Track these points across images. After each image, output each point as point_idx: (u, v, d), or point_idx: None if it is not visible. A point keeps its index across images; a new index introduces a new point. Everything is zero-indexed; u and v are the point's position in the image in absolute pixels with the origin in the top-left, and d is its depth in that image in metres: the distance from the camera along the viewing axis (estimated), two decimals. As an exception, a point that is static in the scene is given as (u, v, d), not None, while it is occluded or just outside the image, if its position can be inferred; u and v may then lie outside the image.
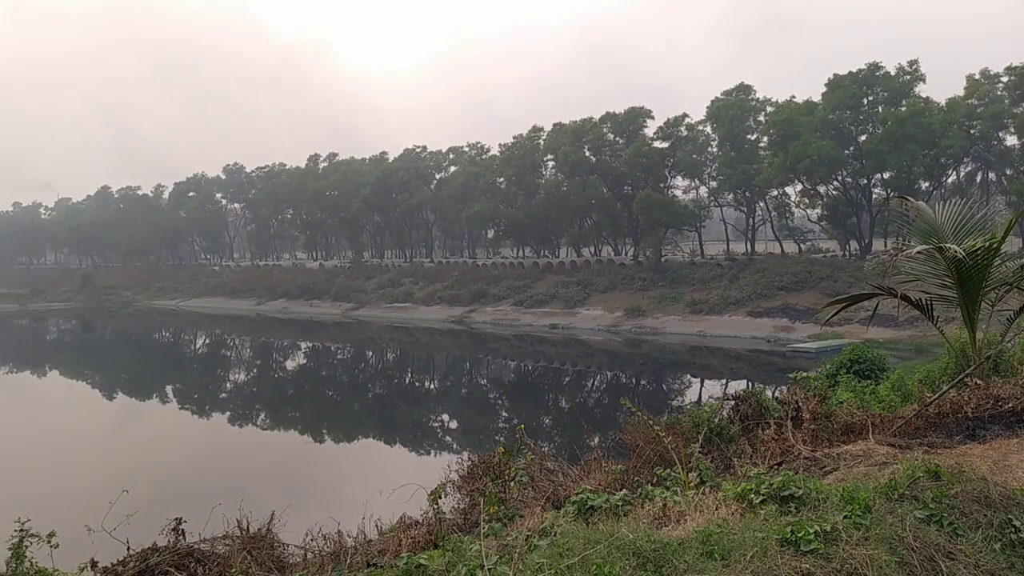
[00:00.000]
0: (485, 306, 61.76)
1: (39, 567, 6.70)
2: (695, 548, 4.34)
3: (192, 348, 58.66)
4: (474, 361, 45.97)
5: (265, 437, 27.00)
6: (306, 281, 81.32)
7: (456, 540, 4.91)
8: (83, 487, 18.57)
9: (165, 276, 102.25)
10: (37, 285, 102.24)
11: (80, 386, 41.41)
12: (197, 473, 20.81)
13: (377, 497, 8.97)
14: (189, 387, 38.73)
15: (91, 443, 25.54)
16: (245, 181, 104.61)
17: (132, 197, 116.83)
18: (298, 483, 19.50)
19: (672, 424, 8.59)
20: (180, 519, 6.31)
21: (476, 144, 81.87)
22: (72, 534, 7.22)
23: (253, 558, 5.99)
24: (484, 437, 25.35)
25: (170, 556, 5.61)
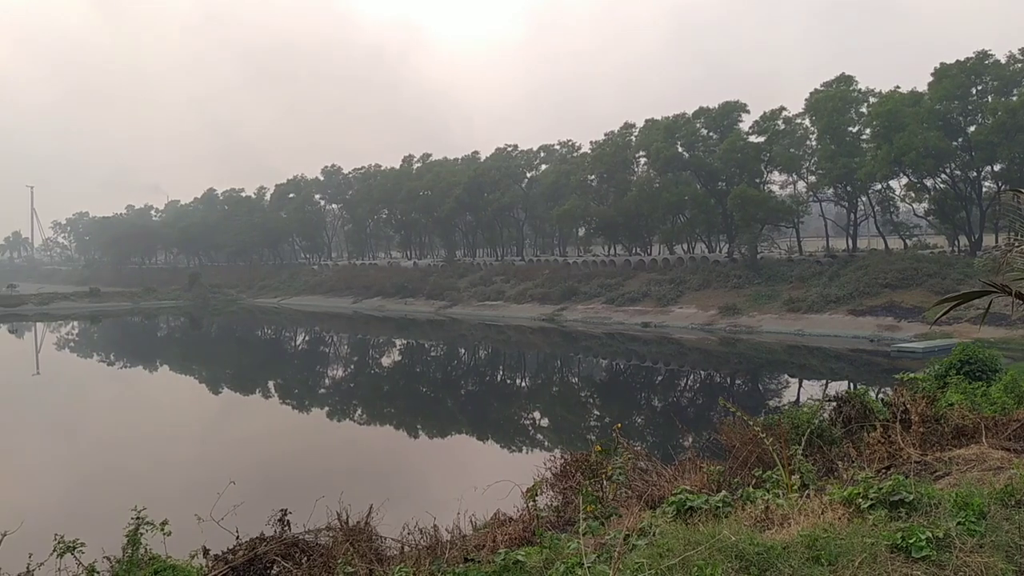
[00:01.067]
0: (576, 304, 61.60)
1: (153, 554, 7.03)
2: (800, 552, 4.21)
3: (292, 345, 60.49)
4: (565, 359, 45.91)
5: (361, 432, 27.61)
6: (401, 279, 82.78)
7: (553, 537, 4.90)
8: (192, 478, 19.39)
9: (267, 275, 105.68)
10: (148, 284, 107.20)
11: (188, 381, 43.25)
12: (297, 466, 21.45)
13: (471, 493, 9.05)
14: (290, 382, 39.95)
15: (198, 435, 26.65)
16: (342, 182, 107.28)
17: (236, 199, 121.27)
18: (393, 477, 19.86)
19: (770, 425, 8.38)
20: (285, 510, 6.50)
21: (567, 142, 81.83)
22: (182, 523, 7.54)
23: (355, 550, 6.13)
24: (575, 436, 25.27)
25: (277, 546, 5.78)
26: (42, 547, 7.01)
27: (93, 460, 22.29)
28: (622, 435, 8.96)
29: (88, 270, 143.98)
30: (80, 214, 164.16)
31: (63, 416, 30.48)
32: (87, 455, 22.97)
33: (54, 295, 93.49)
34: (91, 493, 18.39)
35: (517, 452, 23.10)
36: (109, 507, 15.22)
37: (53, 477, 20.58)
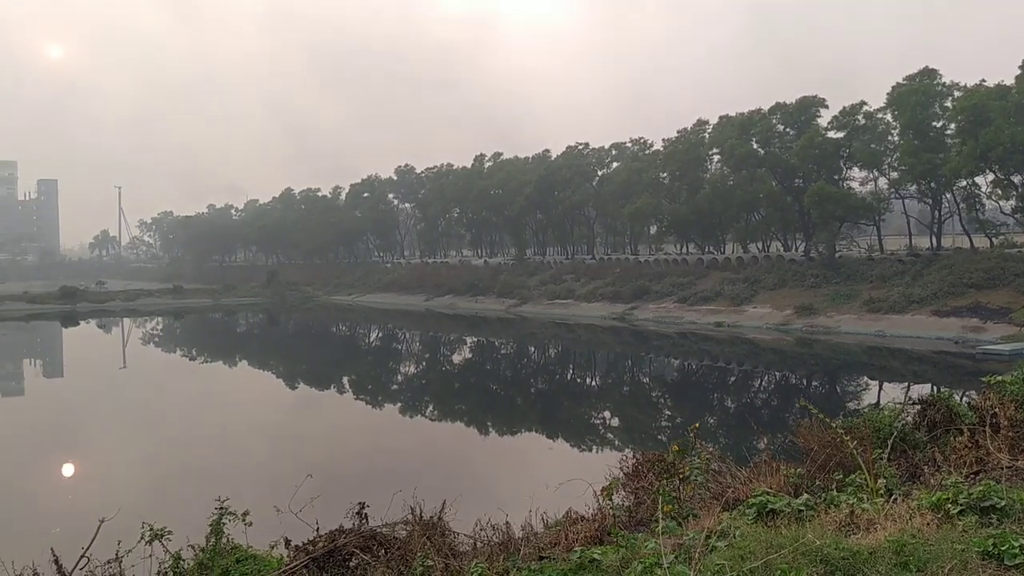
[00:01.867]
0: (647, 303, 61.04)
1: (234, 543, 7.23)
2: (888, 558, 4.08)
3: (366, 341, 61.51)
4: (636, 358, 45.55)
5: (432, 428, 27.89)
6: (471, 278, 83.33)
7: (629, 537, 4.86)
8: (270, 470, 19.89)
9: (342, 273, 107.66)
10: (228, 281, 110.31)
11: (265, 376, 44.37)
12: (370, 460, 21.79)
13: (542, 491, 9.06)
14: (363, 378, 40.62)
15: (275, 429, 27.29)
16: (415, 181, 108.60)
17: (312, 198, 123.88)
18: (464, 474, 20.00)
19: (851, 428, 8.16)
20: (363, 504, 6.60)
21: (639, 139, 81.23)
22: (261, 514, 7.73)
23: (432, 544, 6.18)
24: (646, 435, 25.05)
25: (356, 538, 5.88)
26: (129, 534, 7.27)
27: (176, 452, 23.05)
28: (690, 435, 8.84)
29: (172, 267, 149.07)
30: (164, 213, 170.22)
31: (147, 409, 31.60)
32: (170, 447, 23.76)
33: (140, 292, 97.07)
34: (173, 483, 19.02)
35: (587, 451, 23.02)
36: (190, 497, 15.73)
37: (139, 468, 21.36)
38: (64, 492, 19.90)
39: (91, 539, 6.97)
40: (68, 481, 20.95)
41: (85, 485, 20.53)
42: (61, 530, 13.76)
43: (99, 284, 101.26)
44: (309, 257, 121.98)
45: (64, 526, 14.89)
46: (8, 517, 16.58)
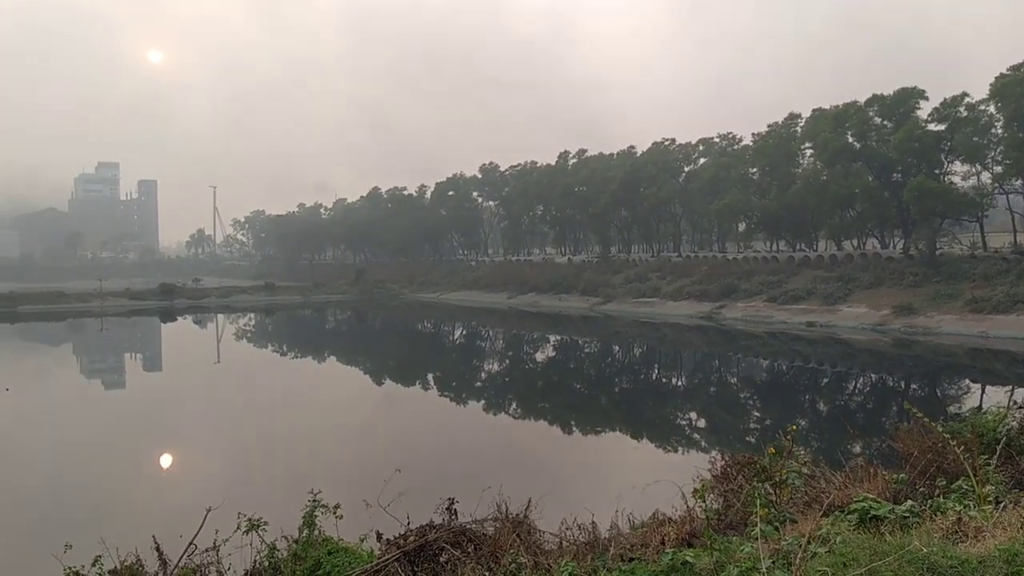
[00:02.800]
0: (736, 302, 59.83)
1: (325, 536, 7.38)
2: (998, 568, 3.86)
3: (451, 339, 62.15)
4: (723, 359, 44.68)
5: (516, 426, 27.95)
6: (555, 275, 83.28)
7: (723, 540, 4.74)
8: (357, 464, 20.28)
9: (427, 271, 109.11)
10: (318, 279, 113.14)
11: (353, 372, 45.30)
12: (454, 456, 21.98)
13: (628, 492, 8.95)
14: (448, 375, 41.04)
15: (362, 423, 27.83)
16: (499, 180, 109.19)
17: (399, 197, 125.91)
18: (548, 472, 19.97)
19: (954, 433, 7.79)
20: (452, 499, 6.63)
21: (727, 134, 79.73)
22: (350, 508, 7.86)
23: (522, 541, 6.18)
24: (734, 437, 24.53)
25: (446, 534, 5.91)
26: (223, 524, 7.49)
27: (267, 445, 23.71)
28: (786, 438, 8.59)
29: (263, 265, 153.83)
30: (256, 212, 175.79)
31: (239, 404, 32.63)
32: (262, 440, 24.46)
33: (233, 288, 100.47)
34: (266, 475, 19.57)
35: (672, 452, 22.69)
36: (282, 489, 16.17)
37: (233, 460, 22.09)
38: (163, 482, 20.74)
39: (198, 528, 7.19)
40: (166, 472, 21.82)
41: (182, 476, 21.35)
42: (160, 518, 14.33)
43: (195, 281, 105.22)
44: (395, 255, 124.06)
45: (162, 515, 15.51)
46: (111, 505, 17.36)
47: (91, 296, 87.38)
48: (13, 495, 18.07)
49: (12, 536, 14.99)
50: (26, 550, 13.18)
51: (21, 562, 11.69)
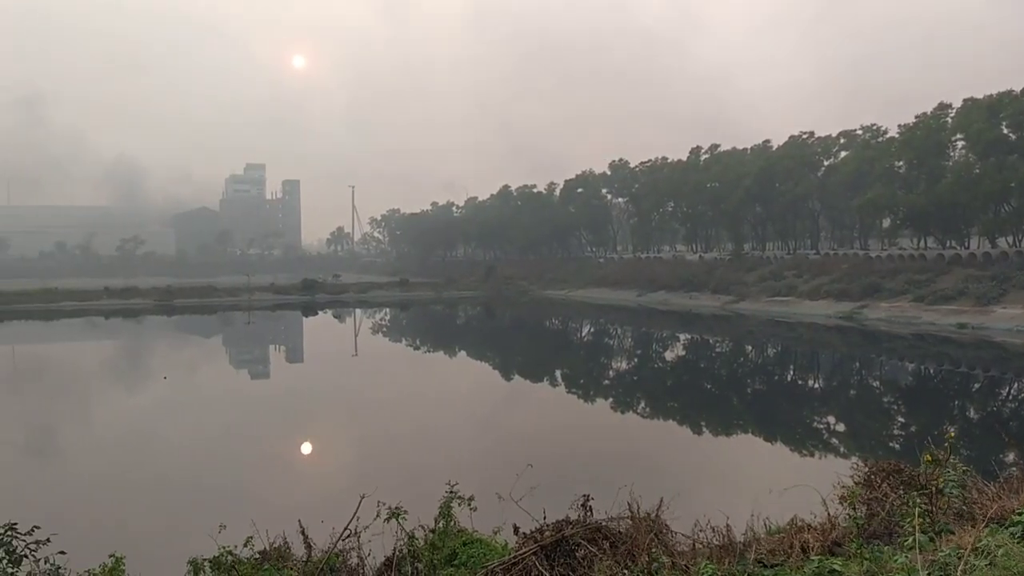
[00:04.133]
0: (878, 302, 57.05)
1: (460, 527, 7.57)
2: None
3: (578, 336, 62.19)
4: (864, 360, 42.72)
5: (644, 424, 27.70)
6: (685, 273, 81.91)
7: (874, 549, 4.57)
8: (489, 457, 20.63)
9: (555, 268, 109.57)
10: (449, 275, 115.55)
11: (482, 366, 46.03)
12: (582, 452, 21.98)
13: (764, 495, 8.72)
14: (575, 372, 41.09)
15: (492, 418, 28.27)
16: (628, 176, 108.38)
17: (528, 195, 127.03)
18: (678, 472, 19.71)
19: None
20: (588, 496, 6.66)
21: (870, 126, 76.10)
22: (483, 500, 8.02)
23: (659, 541, 6.15)
24: (876, 443, 23.45)
25: (582, 530, 5.95)
26: (363, 511, 7.79)
27: (402, 436, 24.45)
28: (933, 445, 8.16)
29: (398, 262, 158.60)
30: (392, 211, 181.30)
31: (376, 395, 33.81)
32: (397, 431, 25.24)
33: (370, 284, 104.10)
34: (401, 465, 20.18)
35: (808, 456, 21.91)
36: (413, 478, 16.66)
37: (369, 449, 22.91)
38: (304, 469, 21.78)
39: (351, 514, 7.47)
40: (308, 459, 22.89)
41: (322, 463, 22.34)
42: (302, 503, 15.06)
43: (335, 277, 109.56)
44: (525, 252, 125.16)
45: (305, 499, 16.30)
46: (258, 489, 18.36)
47: (239, 290, 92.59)
48: (171, 477, 19.42)
49: (171, 515, 16.10)
50: (184, 530, 14.13)
51: (180, 539, 12.55)
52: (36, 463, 22.11)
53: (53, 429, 26.64)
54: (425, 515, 7.92)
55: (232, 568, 8.33)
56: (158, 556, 9.48)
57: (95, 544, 8.19)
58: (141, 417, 28.30)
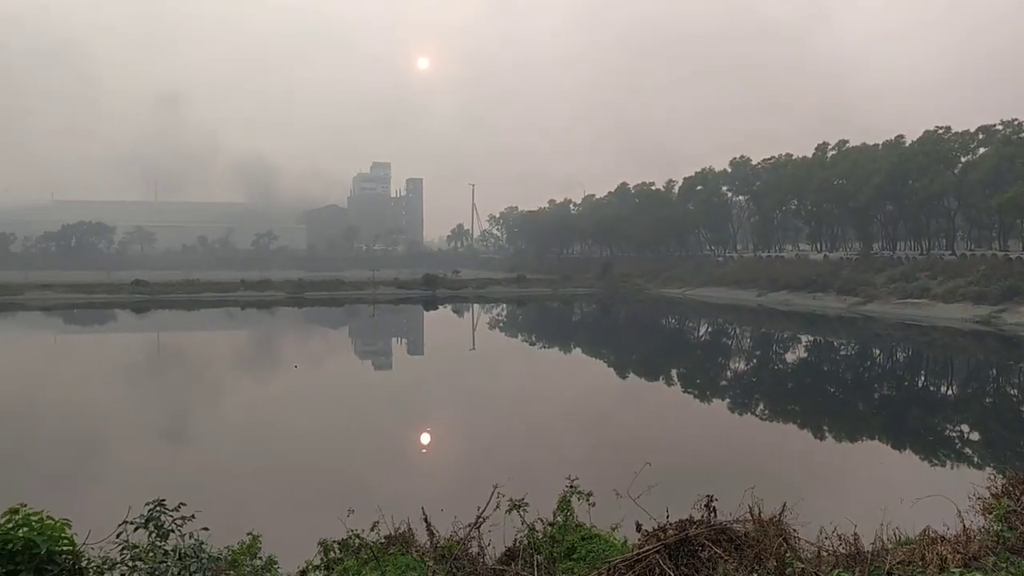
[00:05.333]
0: (1019, 306, 53.66)
1: (578, 521, 7.81)
2: None
3: (695, 335, 61.30)
4: (1002, 368, 40.38)
5: (763, 426, 27.16)
6: (809, 273, 79.30)
7: (1020, 564, 4.49)
8: (605, 453, 20.79)
9: (672, 266, 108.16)
10: (565, 272, 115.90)
11: (597, 363, 46.05)
12: (698, 452, 21.81)
13: (892, 504, 8.56)
14: (691, 371, 40.60)
15: (607, 414, 28.32)
16: (750, 173, 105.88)
17: (646, 192, 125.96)
18: (799, 476, 19.31)
19: None
20: (711, 496, 6.69)
21: (1011, 121, 71.69)
22: (600, 495, 8.21)
23: (789, 546, 6.18)
24: (1013, 454, 22.27)
25: (706, 531, 6.01)
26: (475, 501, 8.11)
27: (516, 429, 24.87)
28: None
29: (515, 258, 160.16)
30: (510, 208, 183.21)
31: (492, 389, 34.41)
32: (511, 424, 25.71)
33: (488, 280, 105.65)
34: (514, 457, 20.58)
35: (939, 466, 21.03)
36: (528, 470, 17.01)
37: (486, 441, 23.43)
38: (424, 458, 22.53)
39: (475, 505, 7.76)
40: (428, 448, 23.65)
41: (441, 453, 23.05)
42: (421, 491, 15.65)
43: (455, 273, 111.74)
44: (641, 250, 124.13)
45: (425, 487, 16.92)
46: (381, 477, 19.17)
47: (365, 285, 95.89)
48: (301, 462, 20.52)
49: (301, 498, 17.06)
50: (314, 512, 14.97)
51: (310, 521, 13.31)
52: (177, 445, 23.74)
53: (192, 413, 28.53)
54: (541, 508, 8.19)
55: (359, 550, 8.87)
56: (290, 536, 10.13)
57: (232, 523, 8.87)
58: (273, 404, 29.90)
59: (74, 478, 18.86)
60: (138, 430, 25.19)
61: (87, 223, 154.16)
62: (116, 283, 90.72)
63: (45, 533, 5.30)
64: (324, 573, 8.76)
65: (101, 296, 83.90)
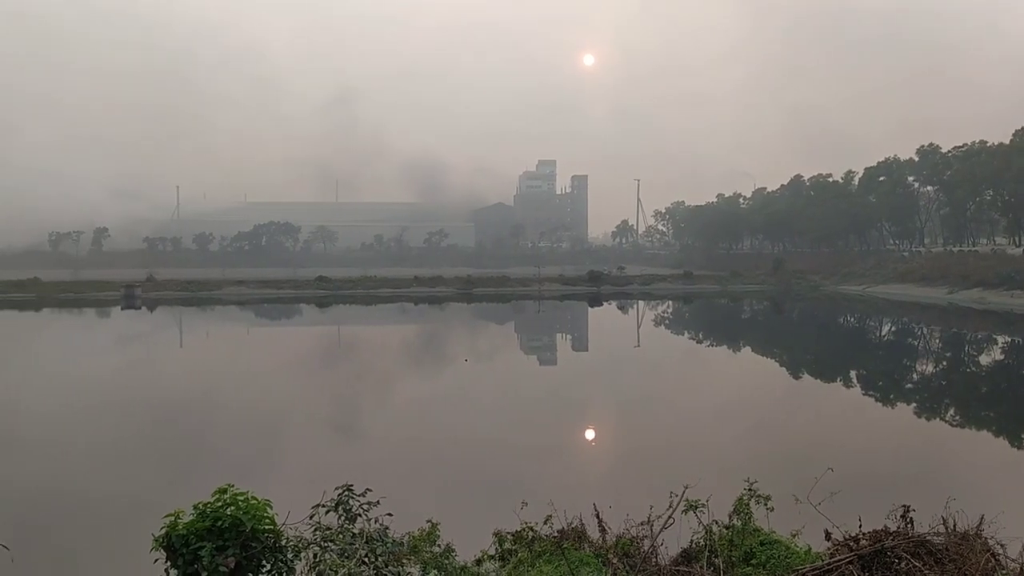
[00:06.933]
0: None
1: (755, 526, 7.61)
2: None
3: (876, 335, 57.94)
4: None
5: (952, 433, 25.35)
6: (1007, 268, 72.93)
7: None
8: (781, 456, 20.08)
9: (851, 262, 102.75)
10: (735, 268, 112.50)
11: (768, 362, 44.43)
12: (881, 458, 20.65)
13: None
14: (872, 373, 38.42)
15: (784, 416, 27.31)
16: (939, 162, 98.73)
17: (822, 184, 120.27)
18: (993, 488, 17.88)
19: None
20: (907, 507, 6.34)
21: None
22: (777, 500, 7.95)
23: (998, 563, 5.80)
24: None
25: (903, 542, 5.70)
26: (656, 500, 8.06)
27: (683, 427, 24.47)
28: None
29: (682, 254, 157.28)
30: (676, 203, 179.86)
31: (658, 386, 34.03)
32: (679, 422, 25.30)
33: (653, 276, 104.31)
34: (680, 456, 20.25)
35: None
36: (692, 470, 16.69)
37: (654, 438, 23.18)
38: (589, 453, 22.63)
39: (668, 507, 7.68)
40: (595, 445, 23.72)
41: (610, 450, 23.03)
42: (591, 486, 15.72)
43: (619, 269, 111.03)
44: (816, 245, 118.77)
45: (591, 483, 16.99)
46: (551, 472, 19.42)
47: (531, 281, 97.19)
48: (473, 453, 21.16)
49: (475, 489, 17.58)
50: (487, 503, 15.40)
51: (485, 511, 13.67)
52: (355, 433, 25.06)
53: (370, 403, 30.04)
54: (713, 510, 8.01)
55: (532, 543, 9.07)
56: (465, 525, 10.48)
57: (410, 510, 9.27)
58: (445, 396, 30.98)
59: (265, 460, 20.32)
60: (320, 418, 26.87)
61: (276, 223, 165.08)
62: (301, 279, 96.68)
63: (250, 512, 5.69)
64: (499, 563, 9.03)
65: (288, 291, 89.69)
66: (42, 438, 23.23)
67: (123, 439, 23.24)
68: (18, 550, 5.56)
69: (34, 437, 23.39)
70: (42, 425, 25.10)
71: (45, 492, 17.61)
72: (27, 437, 23.41)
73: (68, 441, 22.92)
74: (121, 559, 12.72)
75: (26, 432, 24.18)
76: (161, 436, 23.73)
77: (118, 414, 27.14)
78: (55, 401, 29.58)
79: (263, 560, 5.70)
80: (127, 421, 25.89)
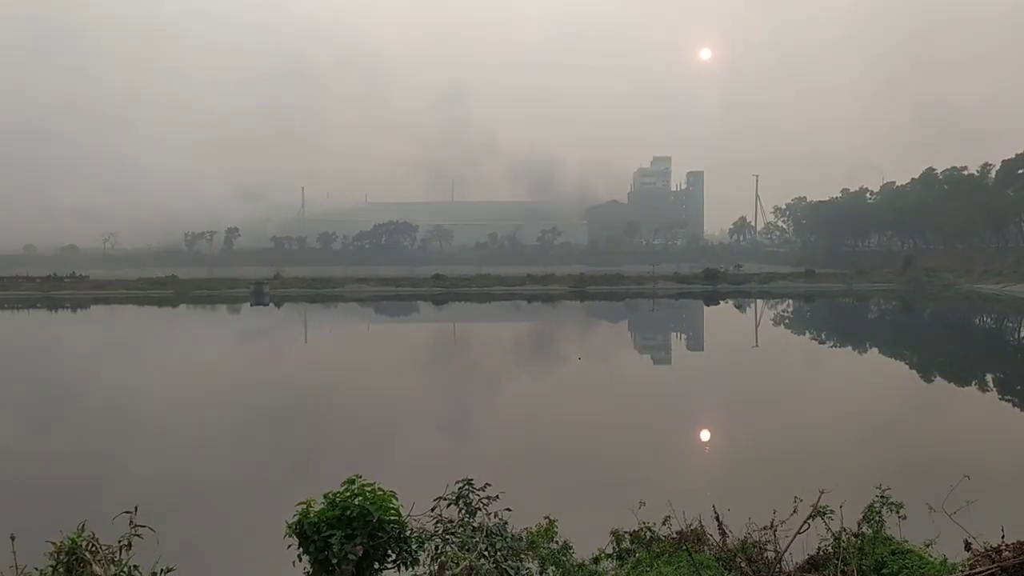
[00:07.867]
0: None
1: (887, 534, 7.33)
2: None
3: (1016, 336, 54.49)
4: None
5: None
6: None
7: None
8: (910, 462, 19.24)
9: (988, 259, 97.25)
10: (860, 266, 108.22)
11: (897, 365, 42.46)
12: (1018, 468, 19.50)
13: None
14: (1011, 376, 36.20)
15: (911, 420, 26.10)
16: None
17: (956, 178, 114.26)
18: None
19: None
20: None
21: None
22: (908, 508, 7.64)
23: None
24: None
25: None
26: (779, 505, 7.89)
27: (801, 430, 23.70)
28: None
29: (803, 252, 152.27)
30: (797, 199, 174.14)
31: (777, 388, 33.05)
32: (798, 424, 24.53)
33: (773, 275, 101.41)
34: (800, 460, 19.65)
35: None
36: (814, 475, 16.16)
37: (771, 442, 22.56)
38: (709, 455, 22.24)
39: (796, 513, 7.49)
40: (712, 445, 23.29)
41: (728, 451, 22.55)
42: (707, 487, 15.47)
43: (737, 267, 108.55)
44: (950, 242, 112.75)
45: (709, 484, 16.70)
46: (668, 472, 19.22)
47: (644, 279, 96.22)
48: (590, 451, 21.19)
49: (592, 487, 17.61)
50: (604, 502, 15.42)
51: (603, 510, 13.67)
52: (470, 429, 25.49)
53: (486, 400, 30.51)
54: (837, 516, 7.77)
55: (651, 543, 9.03)
56: (582, 523, 10.52)
57: (527, 505, 9.36)
58: (559, 394, 31.15)
59: (385, 451, 20.96)
60: (436, 412, 27.52)
61: (394, 223, 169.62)
62: (418, 277, 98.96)
63: (376, 503, 5.88)
64: (616, 562, 9.04)
65: (406, 289, 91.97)
66: (183, 427, 24.74)
67: (253, 429, 24.49)
68: (162, 532, 5.95)
69: (176, 427, 24.92)
70: (184, 415, 26.75)
71: (185, 478, 18.76)
72: (170, 427, 24.95)
73: (207, 430, 24.35)
74: (258, 543, 13.39)
75: (170, 423, 25.78)
76: (289, 426, 24.85)
77: (250, 405, 28.64)
78: (196, 393, 31.49)
79: (388, 550, 5.88)
80: (258, 412, 27.26)
